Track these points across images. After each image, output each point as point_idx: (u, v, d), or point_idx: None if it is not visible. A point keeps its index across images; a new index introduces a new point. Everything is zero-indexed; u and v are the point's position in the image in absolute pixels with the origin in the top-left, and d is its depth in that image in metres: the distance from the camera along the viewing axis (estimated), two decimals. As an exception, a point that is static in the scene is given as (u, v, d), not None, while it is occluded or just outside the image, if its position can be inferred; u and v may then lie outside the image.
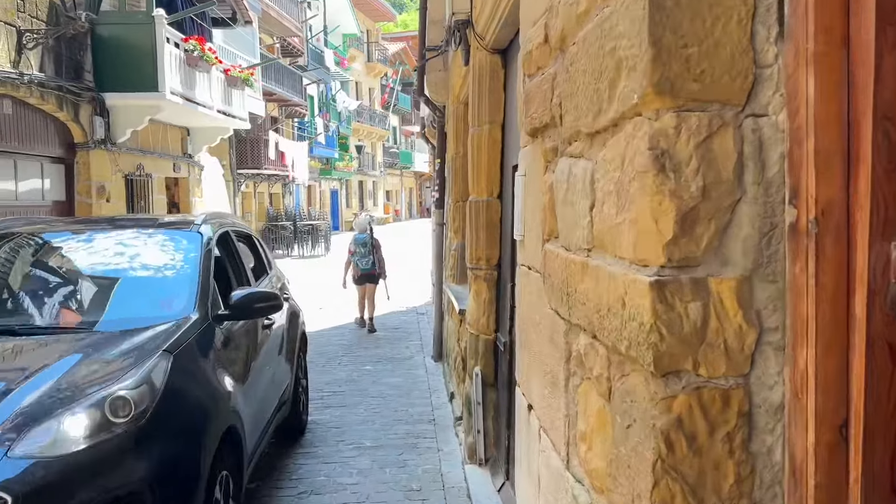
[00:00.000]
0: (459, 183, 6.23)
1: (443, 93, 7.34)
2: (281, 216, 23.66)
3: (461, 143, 6.13)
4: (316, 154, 29.00)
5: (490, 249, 4.23)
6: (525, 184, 2.45)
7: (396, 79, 42.52)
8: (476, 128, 4.31)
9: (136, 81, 9.38)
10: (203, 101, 10.94)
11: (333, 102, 32.24)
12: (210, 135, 12.84)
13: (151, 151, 11.11)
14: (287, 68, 23.28)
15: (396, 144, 46.94)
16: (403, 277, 16.22)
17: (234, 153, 20.41)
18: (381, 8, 40.22)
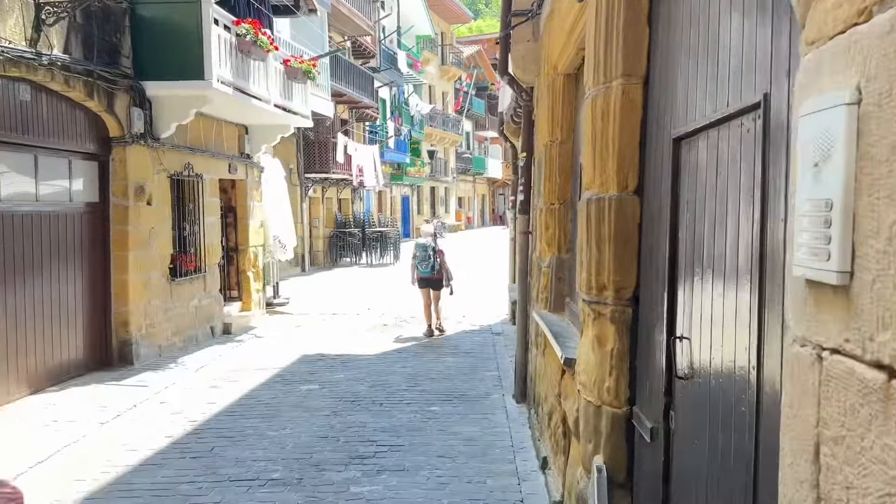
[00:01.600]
0: (556, 179, 4.71)
1: (532, 68, 5.83)
2: (349, 223, 22.64)
3: (561, 125, 4.61)
4: (387, 159, 27.97)
5: (622, 274, 2.71)
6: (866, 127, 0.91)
7: (470, 83, 41.26)
8: (600, 87, 2.79)
9: (179, 68, 8.30)
10: (258, 93, 9.82)
11: (406, 106, 31.19)
12: (269, 133, 11.75)
13: (203, 150, 10.07)
14: (357, 68, 22.28)
15: (469, 150, 45.63)
16: (476, 291, 14.76)
17: (302, 156, 19.50)
18: (457, 9, 39.06)
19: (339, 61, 20.46)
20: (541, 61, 5.65)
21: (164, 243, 9.15)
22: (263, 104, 10.14)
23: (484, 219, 51.79)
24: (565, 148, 4.72)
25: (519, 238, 6.38)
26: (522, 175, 6.26)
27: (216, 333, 10.56)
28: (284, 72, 10.87)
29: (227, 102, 9.40)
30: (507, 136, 11.50)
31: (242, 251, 11.79)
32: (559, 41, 4.28)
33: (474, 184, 47.67)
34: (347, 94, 21.13)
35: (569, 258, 4.78)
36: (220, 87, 8.57)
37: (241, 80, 9.29)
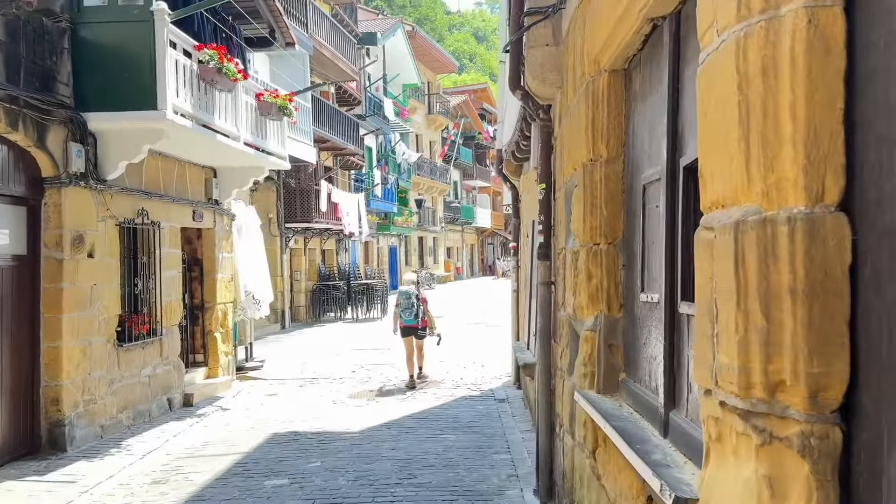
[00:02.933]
0: (601, 211, 3.46)
1: (552, 79, 4.64)
2: (334, 275, 21.28)
3: (606, 138, 3.38)
4: (373, 208, 26.82)
5: (822, 361, 1.40)
6: None
7: (458, 132, 40.60)
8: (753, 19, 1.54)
9: (128, 97, 7.07)
10: (225, 129, 8.60)
11: (393, 154, 30.24)
12: (240, 176, 10.51)
13: (160, 194, 8.79)
14: (342, 114, 21.28)
15: (458, 199, 44.73)
16: (472, 347, 13.37)
17: (282, 205, 18.26)
18: (443, 59, 38.66)
19: (322, 106, 19.46)
20: (565, 68, 4.47)
21: (110, 303, 7.76)
22: (232, 142, 8.92)
23: (473, 269, 50.58)
24: (613, 168, 3.48)
25: (539, 290, 5.08)
26: (541, 212, 5.01)
27: (175, 406, 9.07)
28: (257, 107, 9.70)
29: (189, 139, 8.16)
30: (506, 175, 10.34)
31: (209, 309, 10.40)
32: (609, 18, 3.07)
33: (462, 233, 46.62)
34: (331, 141, 20.06)
35: (622, 318, 3.48)
36: (177, 119, 7.34)
37: (204, 112, 8.08)
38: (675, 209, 2.64)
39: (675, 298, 2.65)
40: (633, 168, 3.32)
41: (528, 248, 9.04)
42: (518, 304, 10.13)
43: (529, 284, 8.58)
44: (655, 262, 2.94)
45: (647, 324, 3.06)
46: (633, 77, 3.35)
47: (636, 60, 3.27)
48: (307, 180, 18.79)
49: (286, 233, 18.44)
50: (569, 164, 4.29)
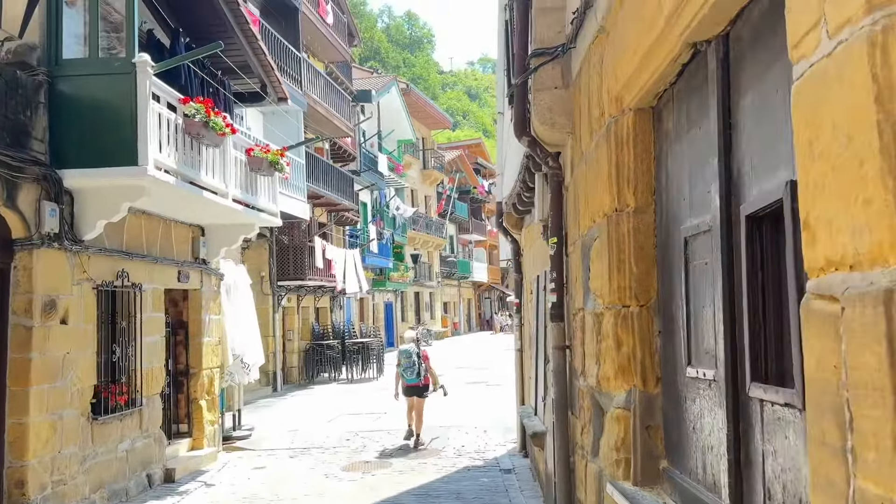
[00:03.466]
0: (630, 268, 3.00)
1: (562, 123, 4.24)
2: (328, 333, 20.63)
3: (634, 185, 2.94)
4: (369, 264, 26.35)
5: None
6: None
7: (453, 186, 40.56)
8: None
9: (107, 153, 6.66)
10: (212, 185, 8.19)
11: (388, 209, 29.98)
12: (228, 234, 10.06)
13: (143, 254, 8.31)
14: (336, 170, 21.04)
15: (454, 253, 44.37)
16: (473, 409, 12.71)
17: (275, 262, 17.78)
18: (437, 115, 38.87)
19: (316, 162, 19.22)
20: (577, 112, 4.07)
21: (84, 373, 7.19)
22: (219, 199, 8.48)
23: (470, 324, 49.86)
24: (643, 219, 3.02)
25: (553, 356, 4.55)
26: (553, 268, 4.53)
27: (155, 483, 8.38)
28: (247, 162, 9.32)
29: (173, 196, 7.73)
30: (507, 229, 9.92)
31: (194, 375, 9.79)
32: (638, 48, 2.66)
33: (459, 288, 46.09)
34: (326, 196, 19.74)
35: (660, 395, 2.97)
36: (160, 175, 6.92)
37: (190, 168, 7.67)
38: (736, 267, 2.17)
39: (739, 377, 2.15)
40: (668, 218, 2.87)
41: (533, 306, 8.54)
42: (522, 364, 9.56)
43: (535, 344, 8.05)
44: (706, 329, 2.45)
45: (696, 404, 2.55)
46: (663, 115, 2.92)
47: (667, 96, 2.85)
48: (301, 237, 18.37)
49: (279, 291, 17.90)
50: (585, 215, 3.84)
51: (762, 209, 2.00)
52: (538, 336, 7.83)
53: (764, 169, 2.00)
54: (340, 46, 22.40)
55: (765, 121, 1.99)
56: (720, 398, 2.29)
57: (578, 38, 3.89)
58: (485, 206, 48.75)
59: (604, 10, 3.23)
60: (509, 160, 8.85)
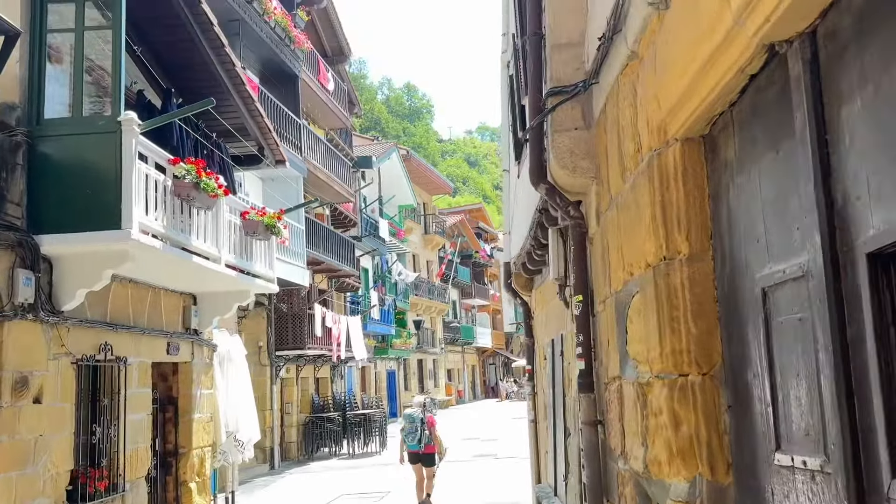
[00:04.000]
0: (687, 329, 2.48)
1: (584, 167, 3.79)
2: (328, 405, 19.81)
3: (686, 228, 2.43)
4: (370, 331, 25.70)
5: None
6: None
7: (455, 251, 40.27)
8: None
9: (88, 216, 6.21)
10: (203, 250, 7.72)
11: (389, 275, 29.53)
12: (222, 302, 9.54)
13: (128, 325, 7.77)
14: (337, 235, 20.69)
15: (457, 319, 43.67)
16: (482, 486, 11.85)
17: (273, 331, 17.18)
18: (438, 180, 38.95)
19: (316, 227, 18.88)
20: (602, 153, 3.63)
21: (59, 457, 6.54)
22: (211, 264, 8.00)
23: (475, 391, 48.64)
24: (700, 268, 2.51)
25: (583, 432, 3.96)
26: (578, 331, 3.98)
27: (136, 579, 7.59)
28: (242, 226, 8.89)
29: (160, 261, 7.25)
30: (516, 290, 9.39)
31: (184, 455, 9.08)
32: (690, 63, 2.21)
33: (463, 354, 45.15)
34: (326, 262, 19.31)
35: (733, 486, 2.39)
36: (145, 239, 6.46)
37: (179, 232, 7.22)
38: (852, 321, 1.65)
39: (864, 468, 1.60)
40: (734, 266, 2.35)
41: (547, 372, 7.94)
42: (537, 437, 8.85)
43: (552, 415, 7.41)
44: (804, 404, 1.91)
45: (792, 501, 1.98)
46: (718, 143, 2.45)
47: (723, 121, 2.38)
48: (300, 304, 17.84)
49: (277, 361, 17.23)
50: (619, 268, 3.33)
51: (892, 245, 1.50)
52: (555, 406, 7.20)
53: (891, 191, 1.50)
54: (341, 113, 22.43)
55: (888, 129, 1.50)
56: (835, 496, 1.73)
57: (602, 70, 3.47)
58: (487, 271, 48.35)
59: (636, 31, 2.81)
60: (517, 218, 8.42)
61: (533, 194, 6.45)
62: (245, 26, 14.72)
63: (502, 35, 9.76)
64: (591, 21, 3.72)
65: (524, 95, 6.55)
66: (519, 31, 6.18)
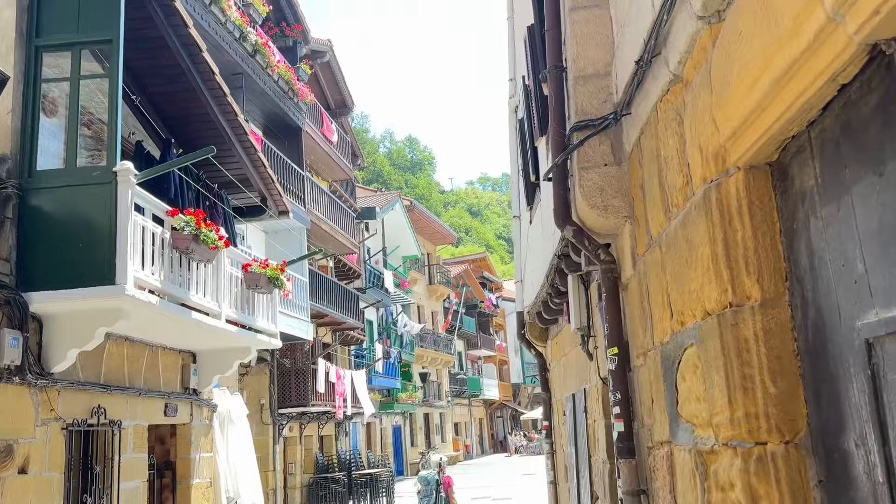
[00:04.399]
0: (764, 387, 2.09)
1: (616, 206, 3.47)
2: (333, 464, 19.09)
3: (756, 269, 2.06)
4: (376, 385, 25.08)
5: None
6: None
7: (460, 301, 39.78)
8: None
9: (80, 272, 5.87)
10: (203, 305, 7.36)
11: (394, 326, 29.03)
12: (222, 360, 9.12)
13: (123, 386, 7.35)
14: (341, 287, 20.33)
15: (463, 370, 42.86)
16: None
17: (276, 388, 16.64)
18: (442, 230, 38.77)
19: (320, 279, 18.53)
20: (636, 190, 3.30)
21: (45, 532, 6.05)
22: (211, 320, 7.63)
23: (483, 445, 47.41)
24: (776, 316, 2.14)
25: (625, 502, 3.51)
26: (616, 387, 3.58)
27: None
28: (244, 279, 8.54)
29: (157, 318, 6.88)
30: (530, 341, 8.97)
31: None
32: (763, 73, 1.89)
33: (470, 407, 44.15)
34: (330, 315, 18.89)
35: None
36: (141, 294, 6.10)
37: (177, 287, 6.87)
38: None
39: None
40: (821, 313, 1.98)
41: (567, 429, 7.46)
42: (558, 500, 8.30)
43: (575, 476, 6.91)
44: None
45: None
46: (791, 171, 2.11)
47: (798, 143, 2.05)
48: (303, 359, 17.35)
49: (280, 420, 16.64)
50: (663, 316, 2.96)
51: None
52: (578, 467, 6.71)
53: None
54: (344, 165, 22.36)
55: None
56: None
57: (635, 100, 3.17)
58: (492, 321, 47.74)
59: (681, 52, 2.51)
60: (531, 265, 8.07)
61: (549, 239, 6.12)
62: (248, 79, 14.68)
63: (509, 80, 9.60)
64: (618, 50, 3.45)
65: (537, 137, 6.29)
66: (531, 71, 5.96)
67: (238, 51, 14.01)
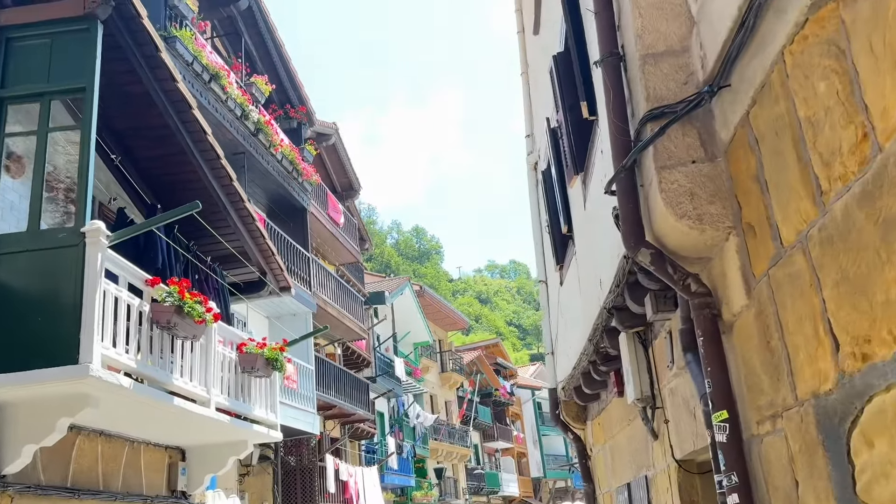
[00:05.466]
0: None
1: (714, 213, 2.57)
2: (345, 574, 17.30)
3: None
4: (388, 483, 23.36)
5: None
6: None
7: (474, 389, 38.16)
8: None
9: (39, 351, 4.95)
10: (187, 390, 6.36)
11: (406, 418, 27.49)
12: (215, 456, 7.98)
13: (95, 490, 6.24)
14: (349, 375, 19.15)
15: (480, 464, 40.60)
16: None
17: (280, 490, 15.22)
18: (453, 315, 37.71)
19: (327, 367, 17.42)
20: (749, 185, 2.41)
21: None
22: (199, 408, 6.60)
23: (504, 548, 44.28)
24: None
25: None
26: (730, 466, 2.55)
27: None
28: (238, 361, 7.55)
29: (134, 407, 5.88)
30: (566, 422, 7.82)
31: None
32: None
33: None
34: (338, 406, 17.63)
35: None
36: (108, 376, 5.13)
37: (157, 369, 5.90)
38: None
39: None
40: None
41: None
42: None
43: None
44: None
45: None
46: None
47: None
48: (310, 456, 16.00)
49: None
50: (817, 355, 1.99)
51: None
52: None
53: None
54: (352, 248, 21.65)
55: None
56: None
57: (740, 63, 2.33)
58: (509, 410, 45.76)
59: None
60: (564, 334, 7.08)
61: (590, 295, 5.18)
62: (250, 159, 14.17)
63: (526, 137, 8.94)
64: (702, 13, 2.64)
65: (570, 178, 5.47)
66: (561, 101, 5.20)
67: (240, 129, 13.56)
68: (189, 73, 11.69)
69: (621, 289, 3.94)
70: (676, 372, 3.69)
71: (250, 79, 14.59)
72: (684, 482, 4.03)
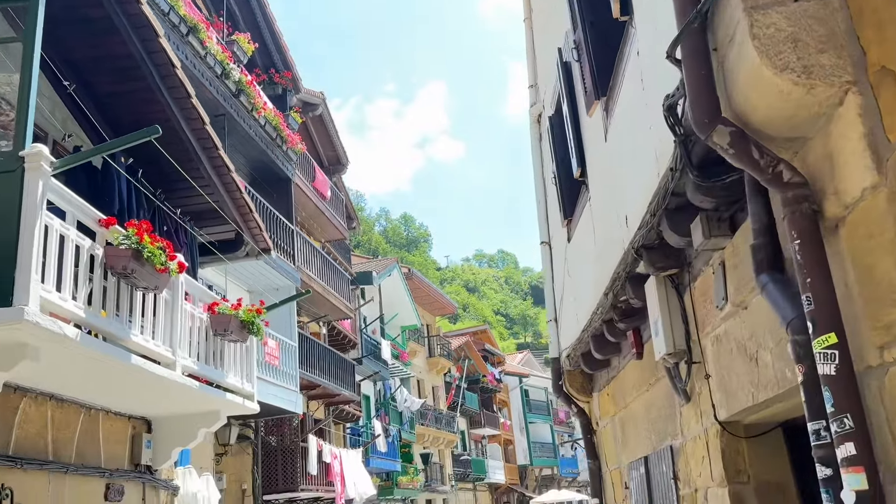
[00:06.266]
0: None
1: (826, 65, 1.83)
2: (326, 561, 16.67)
3: None
4: (373, 467, 22.72)
5: None
6: None
7: (462, 374, 37.59)
8: None
9: (-33, 293, 4.23)
10: (151, 349, 5.63)
11: (393, 402, 26.85)
12: (184, 428, 7.26)
13: (43, 460, 5.53)
14: (335, 354, 18.45)
15: (467, 451, 40.10)
16: None
17: (259, 470, 14.52)
18: (442, 300, 37.04)
19: (312, 345, 16.70)
20: (874, 19, 1.72)
21: None
22: (163, 370, 5.87)
23: (490, 536, 43.90)
24: None
25: None
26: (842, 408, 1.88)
27: None
28: (209, 322, 6.83)
29: (85, 364, 5.14)
30: (571, 394, 7.17)
31: None
32: None
33: (475, 492, 41.08)
34: (323, 386, 16.94)
35: None
36: (50, 324, 4.39)
37: (110, 321, 5.16)
38: None
39: None
40: None
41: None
42: None
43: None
44: None
45: None
46: None
47: None
48: (292, 436, 15.32)
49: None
50: None
51: None
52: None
53: None
54: (339, 224, 20.88)
55: None
56: None
57: None
58: (496, 396, 45.25)
59: None
60: (571, 294, 6.41)
61: (609, 245, 4.50)
62: (231, 122, 13.36)
63: (529, 87, 8.25)
64: None
65: (590, 105, 4.79)
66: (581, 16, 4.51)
67: (220, 88, 12.75)
68: (165, 25, 10.89)
69: (658, 218, 3.27)
70: (731, 310, 3.02)
71: (231, 37, 13.77)
72: (728, 447, 3.38)
